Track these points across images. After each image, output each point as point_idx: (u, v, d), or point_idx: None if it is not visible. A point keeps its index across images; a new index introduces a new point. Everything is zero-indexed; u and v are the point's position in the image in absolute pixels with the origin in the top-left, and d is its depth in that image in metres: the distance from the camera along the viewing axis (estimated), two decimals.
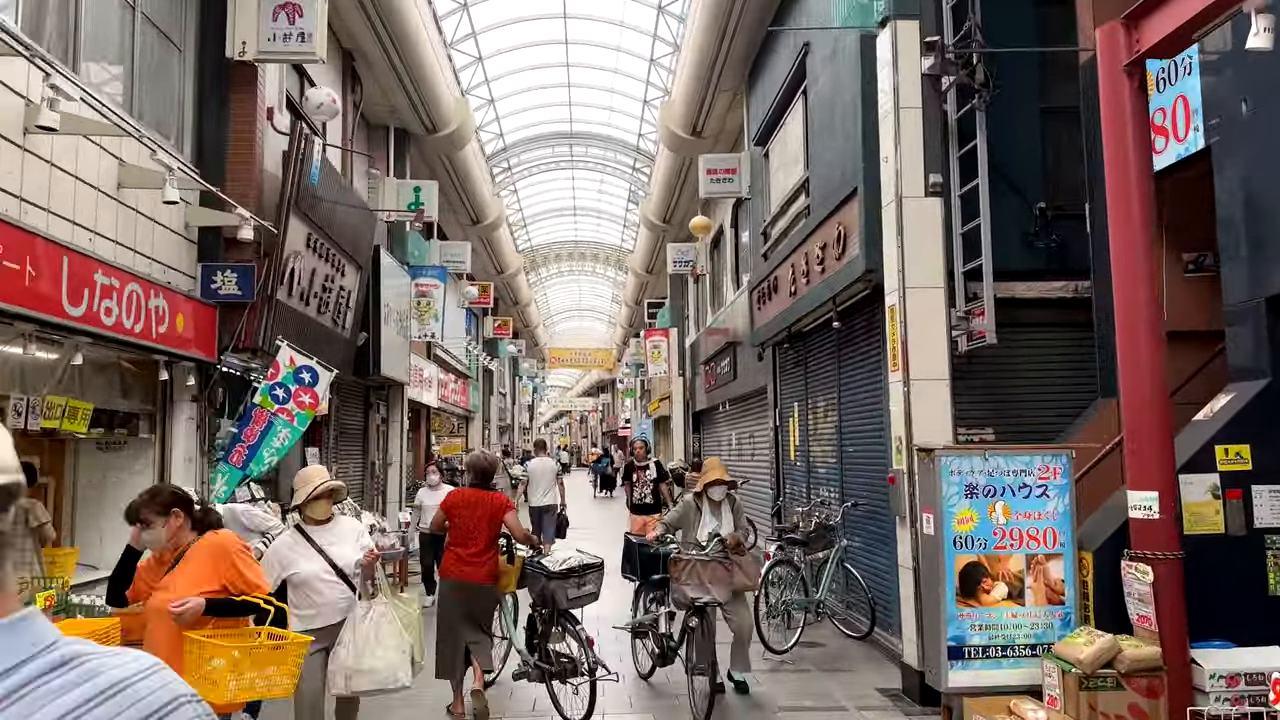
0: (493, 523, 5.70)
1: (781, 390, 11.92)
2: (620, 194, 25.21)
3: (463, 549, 5.65)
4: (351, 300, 10.95)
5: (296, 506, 4.43)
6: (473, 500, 5.81)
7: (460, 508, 5.77)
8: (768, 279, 11.01)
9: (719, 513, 6.52)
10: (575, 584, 5.58)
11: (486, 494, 5.86)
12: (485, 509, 5.73)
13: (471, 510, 5.73)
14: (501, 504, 5.83)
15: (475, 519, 5.68)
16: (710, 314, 18.89)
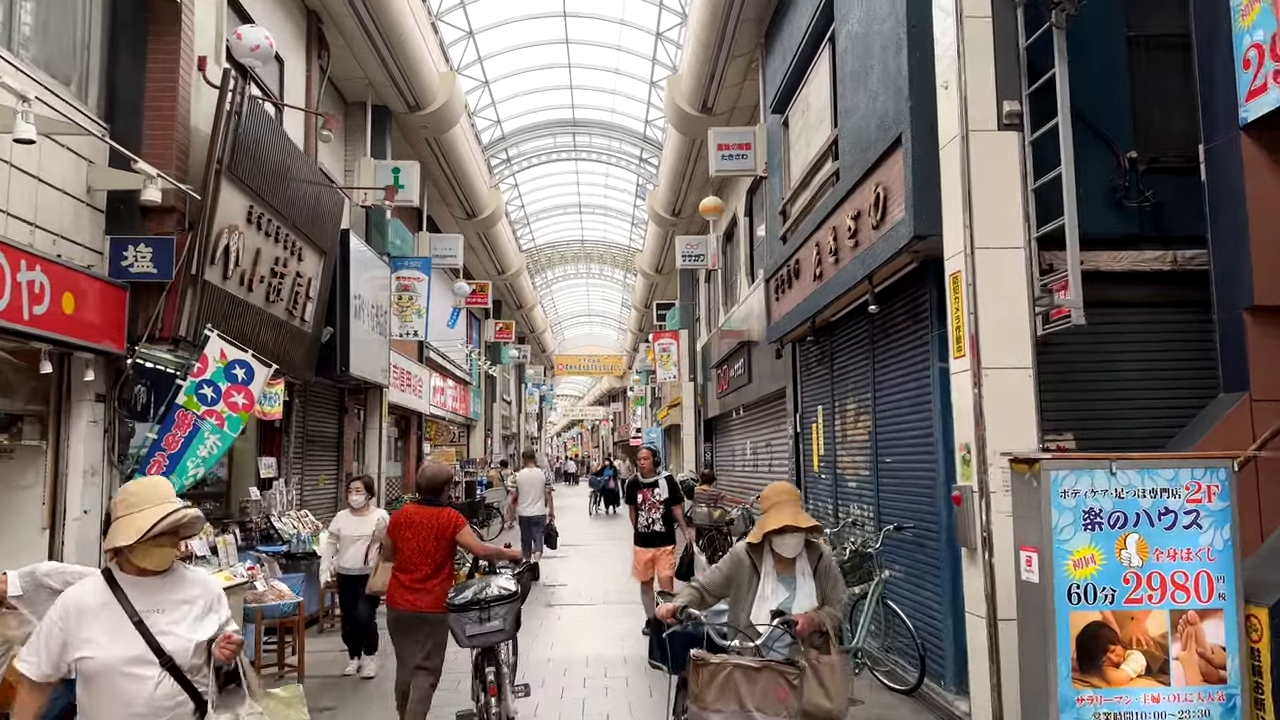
0: (441, 543, 5.07)
1: (803, 392, 10.50)
2: (628, 187, 23.88)
3: (406, 574, 5.04)
4: (312, 289, 9.62)
5: (114, 549, 2.67)
6: (417, 519, 5.13)
7: (402, 528, 5.12)
8: (787, 265, 9.61)
9: (792, 577, 3.86)
10: (476, 618, 4.80)
11: (434, 511, 5.16)
12: (431, 528, 5.07)
13: (415, 530, 5.08)
14: (450, 521, 5.12)
15: (420, 540, 5.05)
16: (723, 313, 17.49)
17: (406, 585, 5.02)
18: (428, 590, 4.98)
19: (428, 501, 5.24)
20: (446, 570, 5.12)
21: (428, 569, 5.02)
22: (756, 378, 13.49)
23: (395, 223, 12.97)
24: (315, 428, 11.42)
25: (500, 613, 4.83)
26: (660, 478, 7.94)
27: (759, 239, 14.41)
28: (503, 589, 4.89)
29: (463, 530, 5.14)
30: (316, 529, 9.64)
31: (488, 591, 4.84)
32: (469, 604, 4.78)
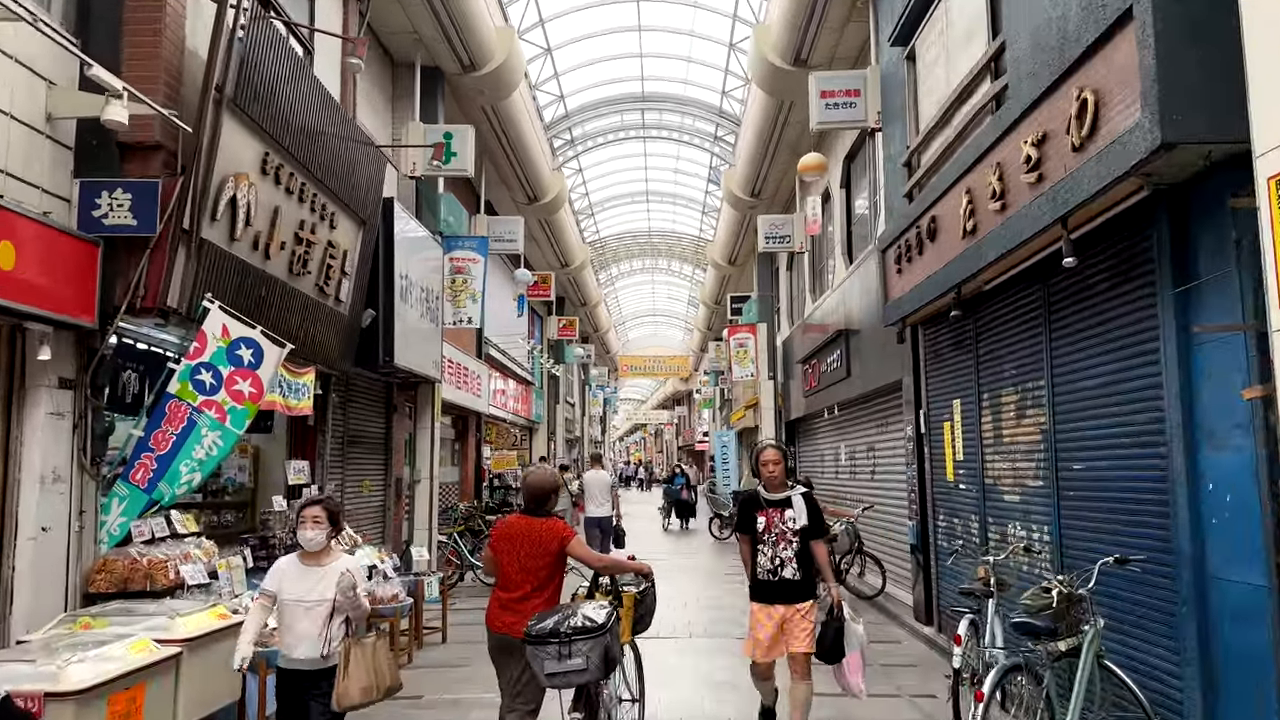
0: (544, 558, 4.48)
1: (930, 384, 8.69)
2: (699, 170, 22.19)
3: (505, 592, 4.53)
4: (348, 264, 8.20)
5: None
6: (519, 530, 4.56)
7: (503, 541, 4.59)
8: (914, 228, 7.84)
9: None
10: (555, 654, 4.09)
11: (538, 522, 4.57)
12: (534, 541, 4.50)
13: (517, 544, 4.52)
14: (556, 533, 4.51)
15: (521, 554, 4.50)
16: (810, 303, 15.70)
17: (504, 604, 4.48)
18: (525, 612, 4.34)
19: (532, 512, 4.60)
20: (551, 590, 4.50)
21: (528, 587, 4.44)
22: (858, 371, 11.69)
23: (448, 197, 11.54)
24: (358, 427, 10.03)
25: (583, 649, 4.04)
26: (795, 494, 5.19)
27: (858, 213, 12.61)
28: (587, 619, 4.11)
29: (572, 542, 4.50)
30: (354, 544, 8.21)
31: (571, 621, 4.10)
32: (547, 635, 4.07)
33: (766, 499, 5.23)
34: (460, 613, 9.86)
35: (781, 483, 5.23)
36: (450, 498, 15.25)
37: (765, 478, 5.24)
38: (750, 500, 5.32)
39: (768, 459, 5.24)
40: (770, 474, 5.21)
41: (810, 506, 5.20)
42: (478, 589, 11.58)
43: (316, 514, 4.21)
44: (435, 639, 8.41)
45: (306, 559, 4.20)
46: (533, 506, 4.61)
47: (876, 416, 11.64)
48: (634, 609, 4.82)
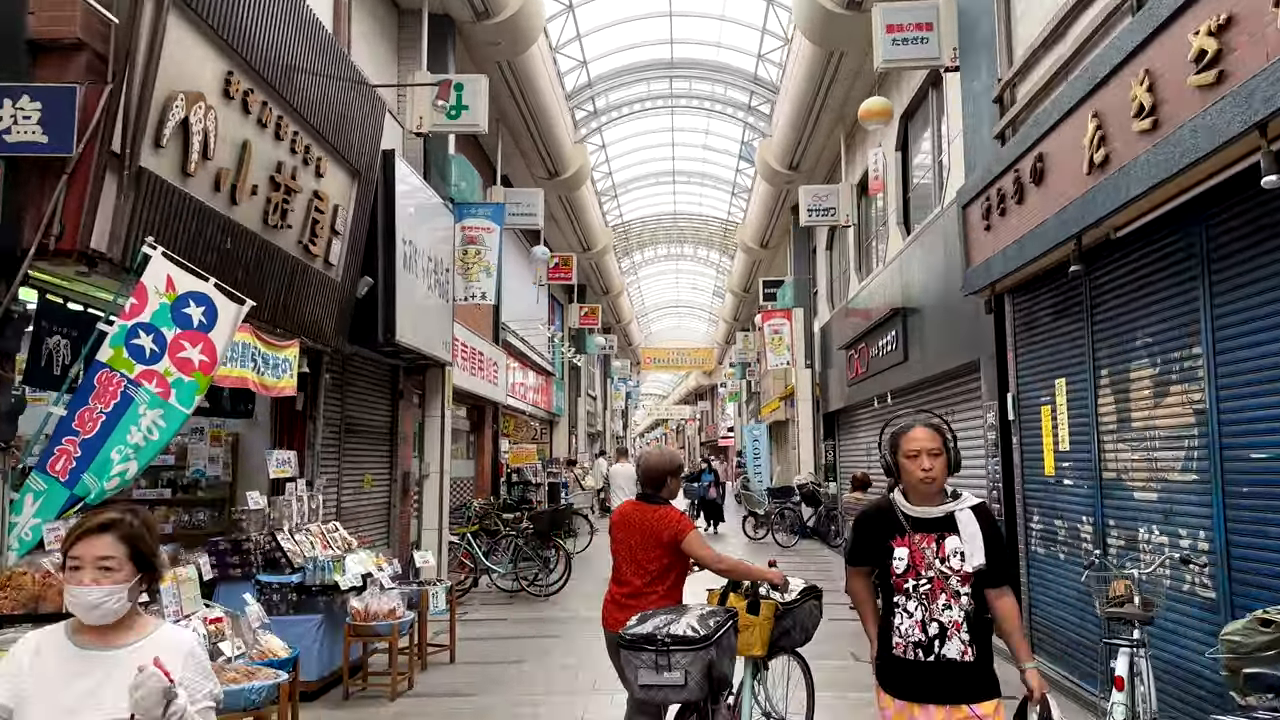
0: (654, 550, 4.00)
1: (1020, 362, 7.41)
2: (730, 146, 20.88)
3: (617, 587, 4.14)
4: (340, 220, 7.03)
5: None
6: (632, 518, 4.15)
7: (616, 529, 4.21)
8: (1011, 171, 6.55)
9: None
10: (652, 663, 3.47)
11: (651, 510, 4.10)
12: (645, 530, 4.04)
13: (628, 533, 4.11)
14: (668, 523, 4.01)
15: (631, 545, 4.08)
16: (854, 283, 14.40)
17: (617, 600, 4.11)
18: (638, 610, 3.84)
19: (646, 497, 4.19)
20: (666, 586, 4.03)
21: (639, 581, 4.05)
22: (918, 353, 10.40)
23: (460, 160, 10.36)
24: (358, 414, 8.88)
25: (681, 661, 3.48)
26: (962, 506, 2.98)
27: (917, 180, 11.31)
28: (690, 628, 3.55)
29: (689, 536, 4.00)
30: (348, 547, 7.05)
31: (672, 627, 3.55)
32: (642, 640, 3.53)
33: (910, 515, 2.95)
34: (472, 624, 8.69)
35: (940, 488, 2.96)
36: (464, 494, 14.10)
37: (913, 477, 2.92)
38: (878, 518, 3.03)
39: (919, 444, 2.91)
40: (925, 473, 2.89)
41: (988, 529, 2.95)
42: (494, 595, 10.41)
43: (103, 552, 2.04)
44: (442, 658, 7.24)
45: (86, 635, 2.09)
46: (648, 491, 4.18)
47: (939, 404, 10.34)
48: (776, 621, 4.09)
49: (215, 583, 6.22)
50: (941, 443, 2.95)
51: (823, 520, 16.01)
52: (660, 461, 4.16)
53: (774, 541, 15.43)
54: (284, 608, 6.20)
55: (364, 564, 6.76)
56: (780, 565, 7.93)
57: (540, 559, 10.27)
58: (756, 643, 4.01)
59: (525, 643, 7.91)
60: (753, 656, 4.10)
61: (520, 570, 10.26)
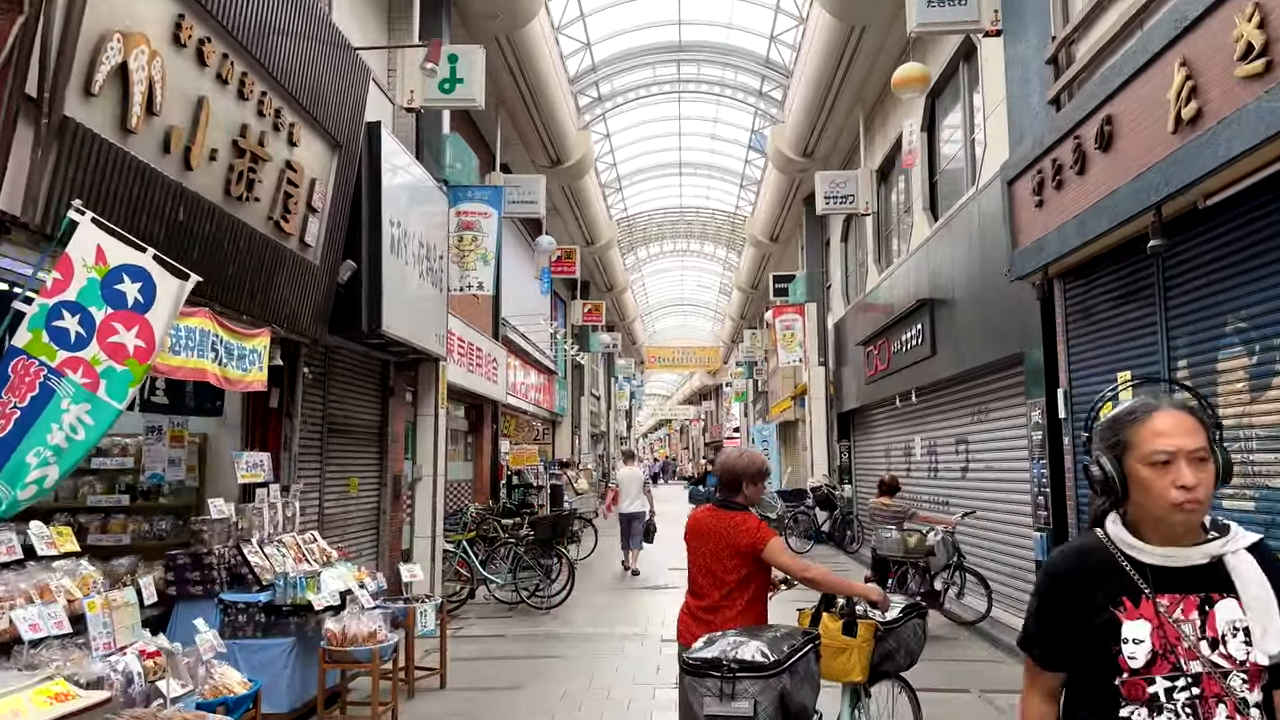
0: (730, 559, 3.57)
1: (1074, 353, 6.67)
2: (739, 134, 20.12)
3: (694, 599, 3.72)
4: (317, 196, 6.32)
5: None
6: (707, 525, 3.69)
7: (691, 538, 3.76)
8: (1070, 139, 5.83)
9: None
10: (716, 690, 3.02)
11: (727, 516, 3.64)
12: (720, 538, 3.61)
13: (703, 541, 3.68)
14: (748, 531, 3.55)
15: (705, 554, 3.65)
16: (873, 275, 13.66)
17: (693, 614, 3.69)
18: (716, 626, 3.50)
19: (721, 502, 3.75)
20: (745, 601, 3.59)
21: (716, 594, 3.62)
22: (948, 347, 9.66)
23: (454, 139, 9.64)
24: (343, 412, 8.16)
25: (750, 690, 3.03)
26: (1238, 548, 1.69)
27: (946, 163, 10.58)
28: (761, 652, 3.08)
29: (770, 544, 3.56)
30: (327, 560, 6.34)
31: (740, 651, 3.08)
32: (707, 665, 3.06)
33: (1151, 565, 1.71)
34: (467, 642, 7.97)
35: (1200, 519, 1.70)
36: (462, 498, 13.38)
37: (1162, 500, 1.66)
38: (1085, 571, 1.75)
39: (1173, 441, 1.66)
40: (1186, 496, 1.63)
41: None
42: (492, 608, 9.69)
43: None
44: (431, 683, 6.51)
45: None
46: (724, 494, 3.75)
47: (971, 402, 9.62)
48: (876, 644, 3.66)
49: (174, 601, 5.52)
50: (1206, 439, 1.67)
51: (838, 525, 15.27)
52: (739, 464, 3.71)
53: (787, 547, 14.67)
54: (251, 630, 5.49)
55: (343, 579, 6.03)
56: None
57: (541, 568, 9.55)
58: (855, 667, 3.62)
59: (524, 664, 7.19)
60: (852, 683, 3.71)
61: (520, 581, 9.54)
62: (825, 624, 3.63)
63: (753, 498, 3.72)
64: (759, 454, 3.93)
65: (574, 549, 12.83)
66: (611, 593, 10.69)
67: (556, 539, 9.63)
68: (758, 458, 3.82)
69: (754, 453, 3.88)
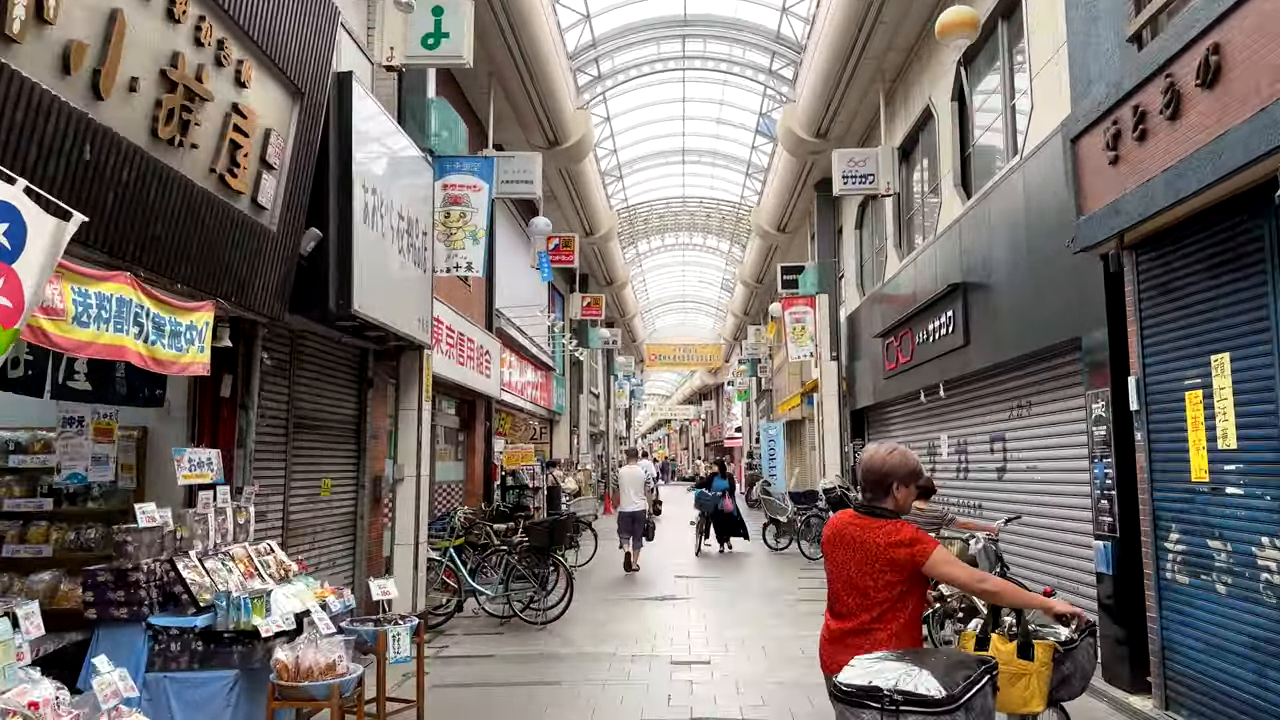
0: (875, 571, 3.00)
1: (1150, 335, 5.78)
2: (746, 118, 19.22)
3: (833, 617, 3.18)
4: (273, 150, 5.42)
5: None
6: (849, 532, 3.11)
7: (828, 546, 3.21)
8: (1158, 79, 4.94)
9: None
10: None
11: (875, 523, 3.06)
12: (864, 548, 3.04)
13: (845, 550, 3.11)
14: (903, 541, 2.97)
15: (846, 565, 3.09)
16: (894, 262, 12.77)
17: (833, 636, 3.11)
18: (855, 647, 2.94)
19: (866, 506, 3.11)
20: (900, 623, 2.96)
21: (866, 615, 3.00)
22: (987, 334, 8.77)
23: (440, 104, 8.74)
24: (313, 405, 7.27)
25: None
26: None
27: (979, 135, 9.69)
28: (932, 682, 2.55)
29: (933, 555, 2.92)
30: (284, 574, 5.44)
31: (905, 680, 2.56)
32: (863, 693, 2.60)
33: None
34: (451, 665, 7.07)
35: None
36: (452, 500, 12.48)
37: None
38: None
39: None
40: None
41: None
42: (481, 622, 8.79)
43: None
44: (408, 717, 5.60)
45: None
46: (869, 498, 3.22)
47: (1010, 395, 8.73)
48: (1054, 668, 3.16)
49: (95, 625, 4.62)
50: None
51: None
52: (888, 462, 3.13)
53: (800, 552, 13.78)
54: (185, 661, 4.60)
55: (300, 598, 5.14)
56: (807, 579, 6.16)
57: (537, 578, 8.65)
58: (1034, 696, 3.13)
59: (515, 693, 6.29)
60: (1029, 715, 3.17)
61: (513, 592, 8.64)
62: (996, 646, 3.17)
63: (904, 503, 3.15)
64: (910, 451, 3.24)
65: (572, 555, 11.94)
66: (614, 604, 9.79)
67: (554, 546, 8.73)
68: (910, 456, 3.19)
69: (905, 449, 3.23)
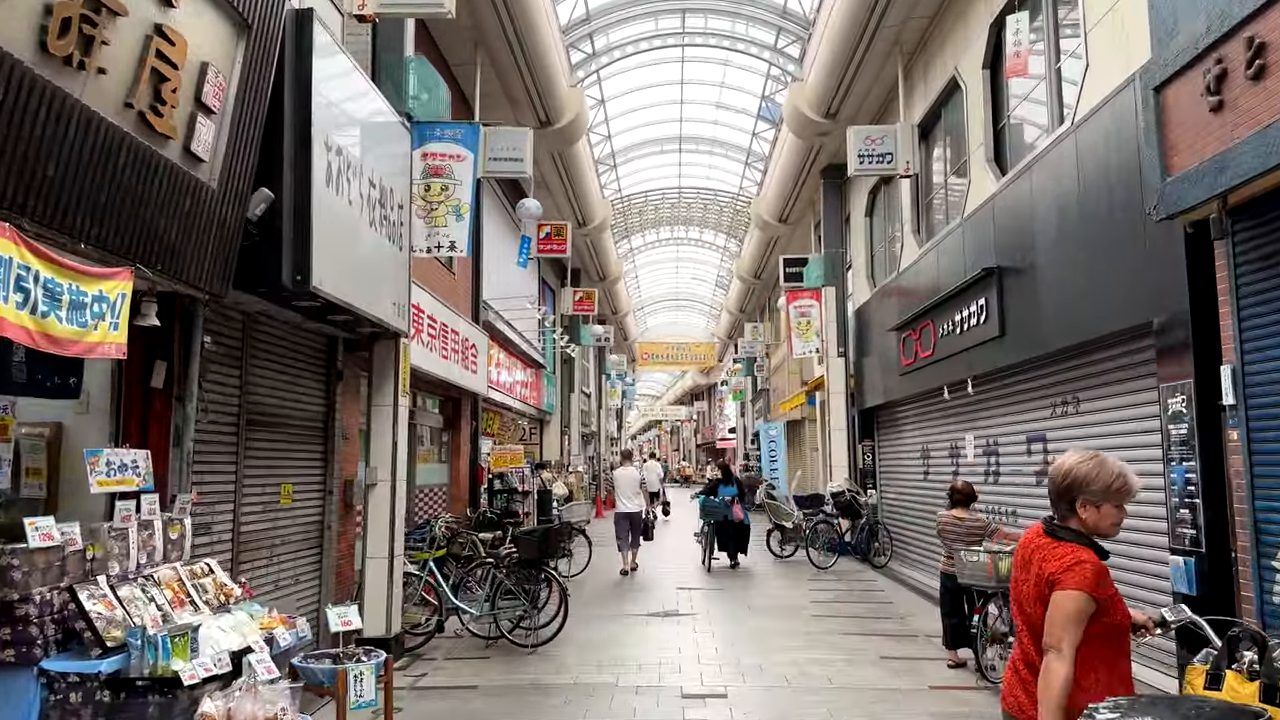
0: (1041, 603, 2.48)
1: (1249, 317, 4.93)
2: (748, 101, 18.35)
3: (1022, 656, 2.61)
4: (211, 88, 4.49)
5: None
6: (1025, 553, 2.63)
7: (1016, 564, 2.69)
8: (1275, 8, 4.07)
9: None
10: None
11: (1049, 545, 2.54)
12: (1039, 579, 2.51)
13: (1023, 573, 2.62)
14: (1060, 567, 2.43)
15: (1022, 595, 2.61)
16: (913, 248, 11.92)
17: (1019, 673, 2.60)
18: (1031, 688, 2.47)
19: (1050, 526, 2.56)
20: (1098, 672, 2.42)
21: (1035, 650, 2.50)
22: (1028, 322, 7.91)
23: (421, 64, 7.81)
24: (272, 398, 6.34)
25: None
26: None
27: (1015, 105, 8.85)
28: None
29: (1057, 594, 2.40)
30: (223, 601, 4.51)
31: None
32: None
33: None
34: (429, 699, 6.14)
35: None
36: (435, 505, 11.55)
37: None
38: None
39: None
40: None
41: None
42: (465, 644, 7.87)
43: None
44: None
45: None
46: (1053, 514, 2.58)
47: (1053, 390, 7.88)
48: None
49: None
50: None
51: (863, 535, 13.51)
52: (1070, 473, 2.51)
53: (808, 560, 12.90)
54: (89, 715, 3.67)
55: (240, 631, 4.22)
56: (819, 591, 5.43)
57: (527, 595, 7.73)
58: None
59: None
60: None
61: (500, 610, 7.72)
62: (1232, 686, 2.76)
63: (1096, 525, 2.48)
64: (1113, 461, 2.51)
65: (565, 563, 11.03)
66: (612, 621, 8.88)
67: (545, 559, 7.81)
68: (1109, 466, 2.48)
69: (1105, 458, 2.52)
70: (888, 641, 7.85)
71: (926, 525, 11.74)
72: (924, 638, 7.93)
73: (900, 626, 8.55)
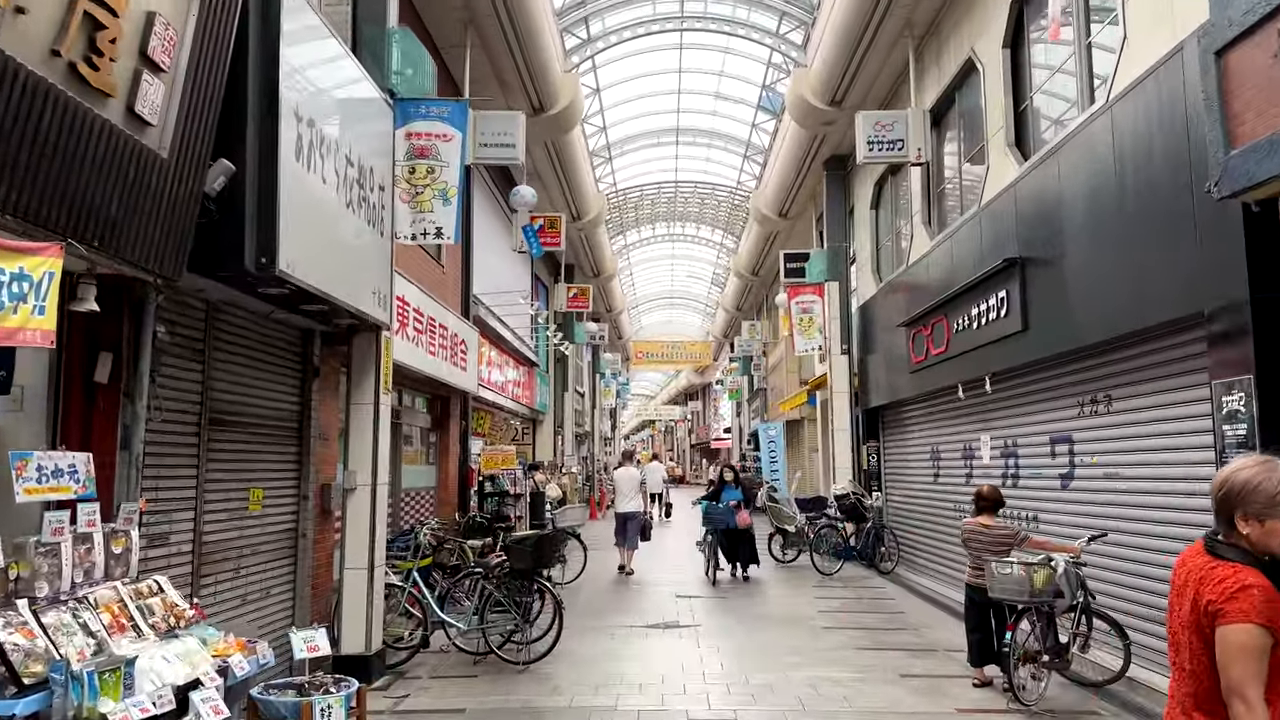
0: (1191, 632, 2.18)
1: None
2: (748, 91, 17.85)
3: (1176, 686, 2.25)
4: (159, 42, 3.94)
5: None
6: (1184, 571, 2.26)
7: (1172, 589, 2.35)
8: None
9: None
10: None
11: (1214, 565, 2.15)
12: (1189, 600, 2.19)
13: (1176, 593, 2.27)
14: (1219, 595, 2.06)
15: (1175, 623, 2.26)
16: (924, 240, 11.43)
17: (1170, 694, 2.29)
18: None
19: (1210, 543, 2.20)
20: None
21: (1182, 682, 2.20)
22: (1056, 315, 7.41)
23: (405, 35, 7.27)
24: (239, 395, 5.79)
25: None
26: None
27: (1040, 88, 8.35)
28: None
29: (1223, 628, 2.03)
30: (171, 625, 3.97)
31: None
32: None
33: None
34: None
35: None
36: (422, 509, 11.01)
37: None
38: None
39: None
40: None
41: None
42: (451, 660, 7.33)
43: None
44: None
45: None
46: (1215, 529, 2.22)
47: (1080, 387, 7.39)
48: None
49: None
50: None
51: (869, 540, 13.00)
52: (1230, 481, 2.11)
53: (812, 566, 12.38)
54: None
55: (189, 660, 3.68)
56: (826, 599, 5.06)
57: (519, 607, 7.19)
58: None
59: None
60: None
61: (489, 624, 7.18)
62: None
63: (1264, 543, 2.07)
64: (1273, 462, 2.10)
65: (559, 569, 10.48)
66: (609, 634, 8.35)
67: (539, 570, 7.28)
68: (1269, 467, 2.08)
69: (1277, 463, 2.10)
70: (905, 656, 7.34)
71: (937, 529, 11.25)
72: (944, 652, 7.43)
73: (917, 639, 8.05)
